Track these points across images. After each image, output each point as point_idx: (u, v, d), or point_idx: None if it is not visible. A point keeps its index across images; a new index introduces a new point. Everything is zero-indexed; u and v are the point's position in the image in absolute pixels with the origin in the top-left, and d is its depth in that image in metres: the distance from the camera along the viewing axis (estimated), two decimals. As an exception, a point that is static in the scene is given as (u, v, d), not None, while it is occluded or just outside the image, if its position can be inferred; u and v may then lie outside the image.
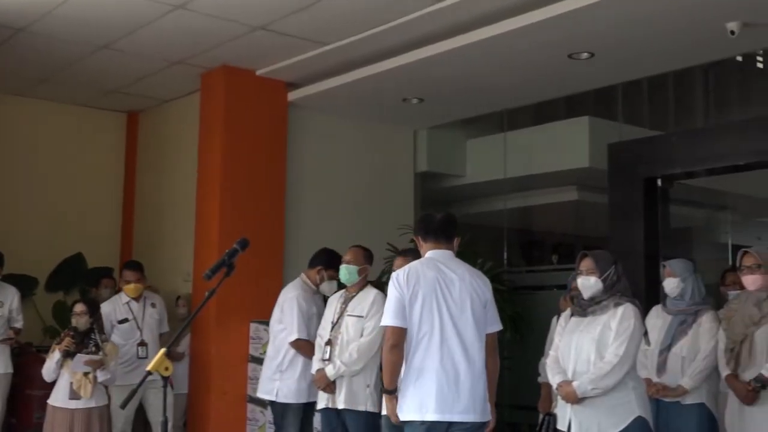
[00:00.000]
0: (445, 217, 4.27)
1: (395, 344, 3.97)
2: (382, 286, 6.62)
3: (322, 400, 5.43)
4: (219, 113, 7.41)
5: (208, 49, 6.86)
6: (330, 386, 5.32)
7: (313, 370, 5.50)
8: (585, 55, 6.46)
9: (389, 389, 4.03)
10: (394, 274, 4.15)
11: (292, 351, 5.76)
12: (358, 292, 5.51)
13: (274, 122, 7.64)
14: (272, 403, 5.94)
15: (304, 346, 5.72)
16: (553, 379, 4.42)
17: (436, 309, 4.01)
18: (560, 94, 7.89)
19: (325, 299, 5.85)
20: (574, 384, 4.20)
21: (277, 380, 5.81)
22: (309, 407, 5.82)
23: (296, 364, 5.76)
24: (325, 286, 5.88)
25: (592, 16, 5.69)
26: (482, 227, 9.14)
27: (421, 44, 6.48)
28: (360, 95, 7.57)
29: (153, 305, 6.84)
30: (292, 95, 7.68)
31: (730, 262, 6.91)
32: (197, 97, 7.70)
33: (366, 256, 5.59)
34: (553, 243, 11.08)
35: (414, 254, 4.71)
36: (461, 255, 7.29)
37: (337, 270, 5.61)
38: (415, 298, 4.01)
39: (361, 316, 5.37)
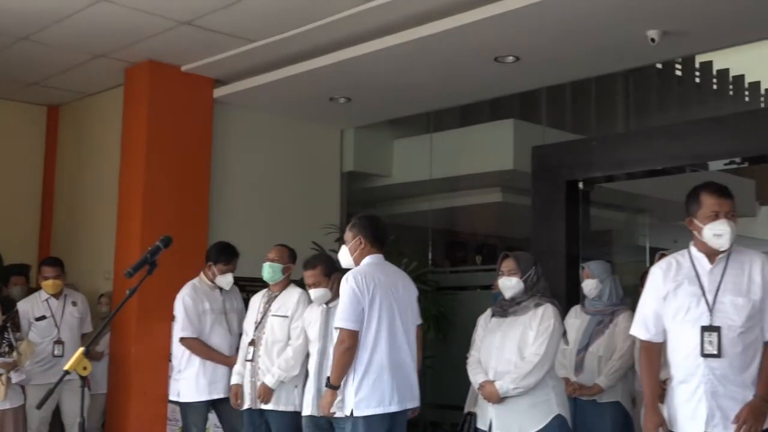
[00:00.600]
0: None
1: (350, 347, 4.24)
2: (305, 285, 6.62)
3: (247, 401, 5.39)
4: (143, 109, 7.28)
5: (133, 43, 6.74)
6: (269, 395, 5.30)
7: (236, 370, 5.46)
8: (511, 58, 6.55)
9: (336, 385, 4.29)
10: (350, 278, 4.32)
11: (188, 350, 5.71)
12: (281, 292, 5.49)
13: (199, 119, 7.54)
14: (178, 404, 5.87)
15: (193, 344, 5.67)
16: (475, 378, 4.47)
17: (387, 310, 4.33)
18: (486, 96, 7.97)
19: (250, 298, 5.79)
20: (497, 384, 4.25)
21: (177, 380, 5.76)
22: (219, 404, 5.75)
23: (193, 362, 5.70)
24: (220, 280, 5.80)
25: (518, 20, 5.77)
26: (407, 227, 9.18)
27: (348, 44, 6.48)
28: (287, 93, 7.53)
29: (74, 303, 6.69)
30: (218, 92, 7.60)
31: (648, 264, 7.08)
32: (121, 91, 7.55)
33: (290, 255, 5.57)
34: (477, 244, 11.20)
35: (328, 261, 5.15)
36: (386, 255, 7.38)
37: (228, 263, 5.64)
38: (374, 301, 4.29)
39: (286, 316, 5.35)
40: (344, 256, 4.50)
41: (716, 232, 3.58)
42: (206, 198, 7.54)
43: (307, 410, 5.06)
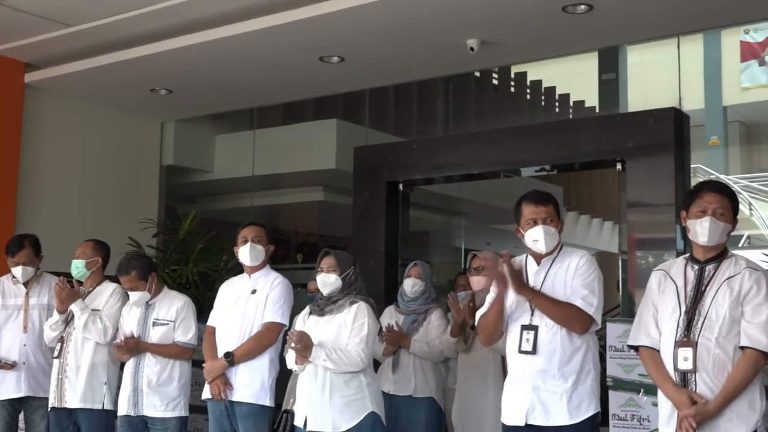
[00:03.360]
0: None
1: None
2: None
3: (51, 400, 5.18)
4: (-55, 90, 6.85)
5: (-65, 20, 6.32)
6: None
7: (55, 368, 5.24)
8: (336, 59, 6.61)
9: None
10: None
11: None
12: (94, 287, 5.35)
13: (8, 103, 7.17)
14: None
15: None
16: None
17: None
18: (310, 95, 8.01)
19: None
20: (313, 350, 4.23)
21: None
22: (23, 403, 5.50)
23: None
24: (15, 273, 5.53)
25: (343, 21, 5.83)
26: (228, 224, 9.05)
27: (171, 34, 6.34)
28: (105, 82, 7.27)
29: None
30: (31, 77, 7.26)
31: (463, 265, 7.32)
32: None
33: (96, 249, 5.39)
34: (299, 242, 11.20)
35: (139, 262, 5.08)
36: (205, 251, 7.27)
37: (13, 255, 5.44)
38: None
39: (98, 310, 5.21)
40: None
41: (534, 238, 3.78)
42: (15, 187, 7.19)
43: (122, 410, 4.96)
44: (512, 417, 3.76)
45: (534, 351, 3.69)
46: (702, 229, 3.50)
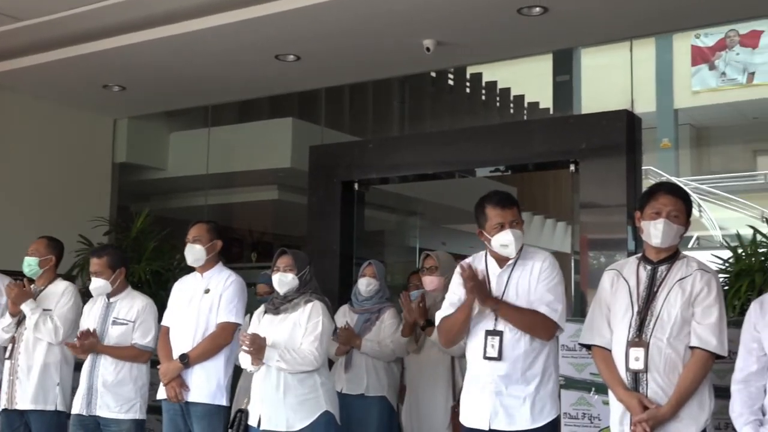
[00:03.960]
0: None
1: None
2: (73, 279, 6.34)
3: (3, 401, 5.11)
4: None
5: None
6: None
7: (6, 369, 5.16)
8: (291, 57, 6.59)
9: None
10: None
11: None
12: (46, 285, 5.29)
13: (-46, 99, 7.04)
14: None
15: None
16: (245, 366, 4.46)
17: None
18: (266, 93, 7.98)
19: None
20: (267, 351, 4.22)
21: None
22: None
23: None
24: None
25: (299, 20, 5.81)
26: (182, 222, 8.97)
27: (125, 30, 6.27)
28: (57, 78, 7.17)
29: None
30: (-21, 71, 7.13)
31: (417, 265, 7.35)
32: None
33: (50, 246, 5.33)
34: (253, 241, 11.15)
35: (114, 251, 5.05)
36: (158, 250, 7.20)
37: None
38: None
39: (49, 309, 5.15)
40: None
41: (502, 243, 3.73)
42: (-39, 185, 7.05)
43: (75, 408, 4.90)
44: (474, 420, 3.75)
45: (499, 357, 3.67)
46: (656, 231, 3.54)
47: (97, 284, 4.94)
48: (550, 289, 3.72)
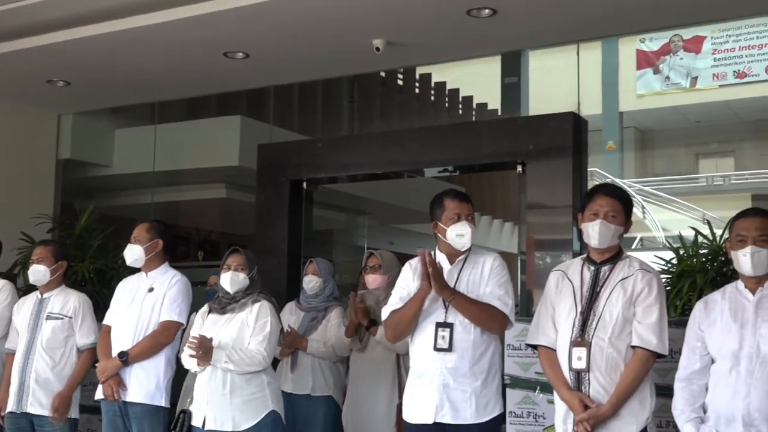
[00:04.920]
0: None
1: None
2: (13, 278, 6.22)
3: None
4: None
5: None
6: None
7: None
8: (240, 55, 6.54)
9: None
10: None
11: None
12: (-20, 283, 5.17)
13: None
14: None
15: None
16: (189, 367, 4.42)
17: None
18: (214, 91, 7.91)
19: None
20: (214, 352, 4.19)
21: None
22: None
23: None
24: None
25: (247, 17, 5.77)
26: (127, 220, 8.84)
27: (69, 24, 6.15)
28: (-1, 71, 7.02)
29: None
30: None
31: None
32: None
33: None
34: (200, 239, 11.07)
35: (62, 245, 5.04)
36: (103, 248, 7.09)
37: None
38: None
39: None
40: None
41: (458, 233, 3.80)
42: None
43: (8, 406, 4.83)
44: (419, 415, 3.79)
45: (450, 348, 3.72)
46: (593, 232, 3.60)
47: (37, 269, 4.89)
48: (500, 285, 3.81)
